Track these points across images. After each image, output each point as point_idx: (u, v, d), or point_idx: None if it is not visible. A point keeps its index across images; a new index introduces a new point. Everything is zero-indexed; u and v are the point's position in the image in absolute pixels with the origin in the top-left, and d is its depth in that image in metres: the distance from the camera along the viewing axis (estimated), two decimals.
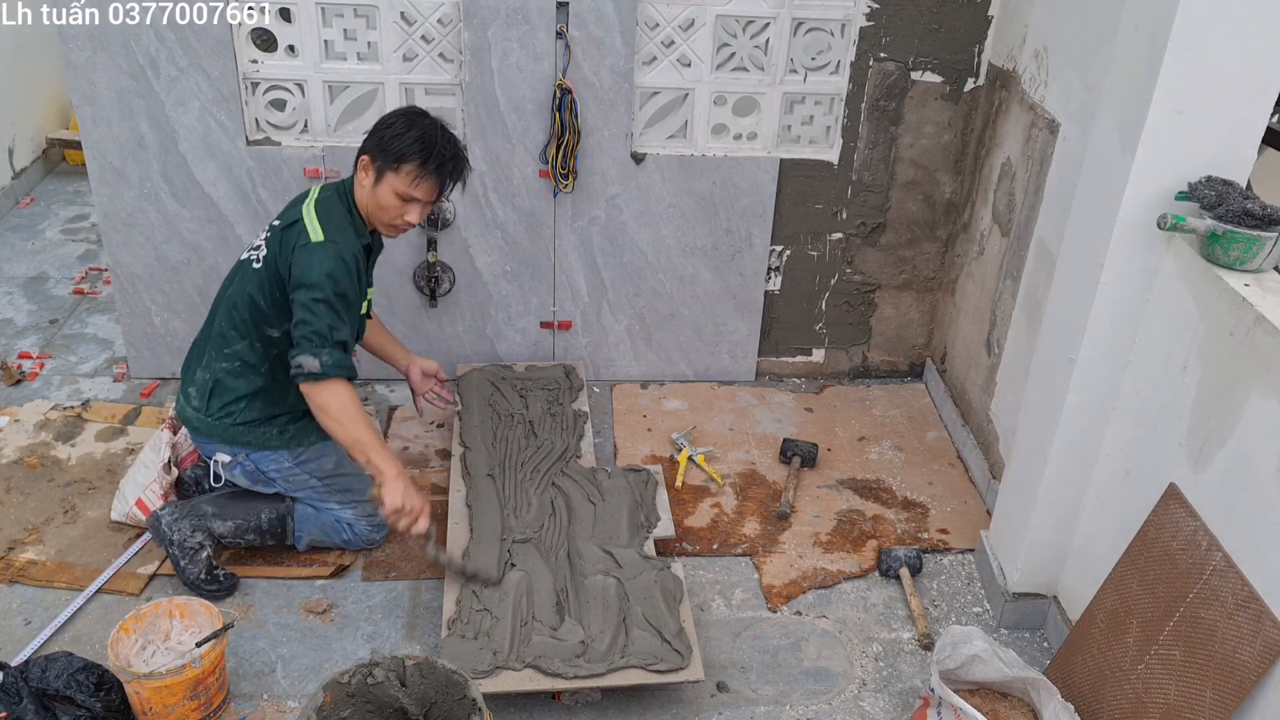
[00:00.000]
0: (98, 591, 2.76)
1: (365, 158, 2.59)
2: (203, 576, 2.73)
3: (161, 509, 2.78)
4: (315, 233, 2.54)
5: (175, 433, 3.05)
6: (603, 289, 3.64)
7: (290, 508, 2.82)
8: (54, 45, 3.43)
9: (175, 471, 2.97)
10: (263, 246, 2.66)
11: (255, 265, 2.64)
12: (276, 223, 2.69)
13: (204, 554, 2.73)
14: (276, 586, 2.82)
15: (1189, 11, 2.03)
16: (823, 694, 2.60)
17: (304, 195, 2.71)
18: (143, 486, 2.95)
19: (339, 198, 2.66)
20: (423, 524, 2.58)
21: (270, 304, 2.62)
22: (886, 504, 3.27)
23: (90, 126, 3.24)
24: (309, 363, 2.48)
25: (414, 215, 2.63)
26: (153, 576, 2.81)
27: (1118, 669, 2.28)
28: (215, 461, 2.76)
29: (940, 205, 3.64)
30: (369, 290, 2.78)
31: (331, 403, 2.51)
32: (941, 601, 2.91)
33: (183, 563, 2.72)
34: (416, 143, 2.54)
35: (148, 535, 2.91)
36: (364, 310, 2.75)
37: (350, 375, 2.54)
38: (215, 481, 2.80)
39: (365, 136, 2.62)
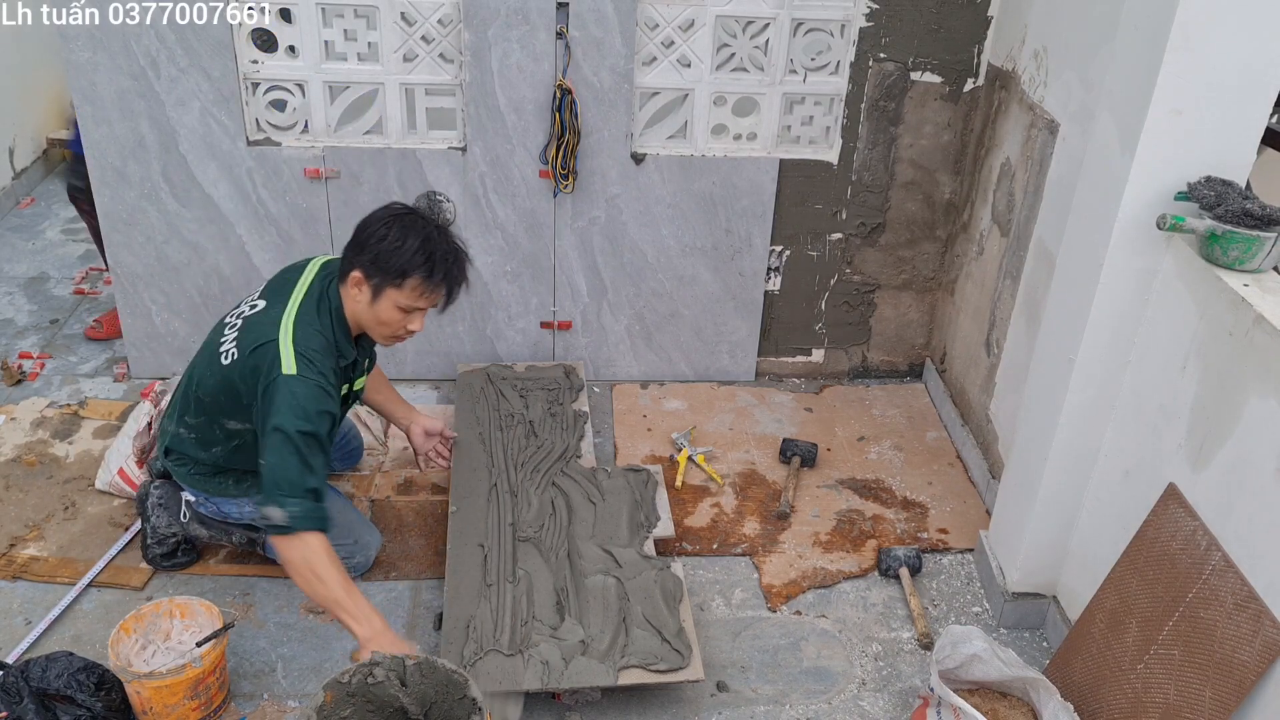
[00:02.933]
0: (100, 585, 2.77)
1: (358, 274, 2.36)
2: (163, 554, 2.80)
3: (153, 486, 2.77)
4: (288, 363, 2.30)
5: (156, 404, 3.08)
6: (603, 289, 3.64)
7: (262, 539, 2.75)
8: (54, 45, 3.42)
9: (153, 435, 3.01)
10: (234, 338, 2.43)
11: (224, 361, 2.42)
12: (261, 304, 2.46)
13: (172, 540, 2.79)
14: (277, 586, 2.82)
15: (1189, 11, 2.03)
16: (822, 694, 2.60)
17: (289, 281, 2.50)
18: (124, 456, 3.01)
19: (319, 312, 2.41)
20: None
21: (230, 403, 2.45)
22: (886, 504, 3.27)
23: (90, 126, 3.24)
24: (275, 514, 2.25)
25: (418, 324, 2.44)
26: (155, 571, 2.82)
27: (1117, 669, 2.29)
28: (184, 500, 2.73)
29: (940, 205, 3.64)
30: (361, 380, 2.67)
31: (296, 559, 2.27)
32: (941, 601, 2.91)
33: (149, 541, 2.79)
34: (418, 254, 2.32)
35: (138, 526, 2.93)
36: (358, 387, 2.67)
37: (321, 528, 2.29)
38: (182, 519, 2.74)
39: (352, 249, 2.38)
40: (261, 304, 2.48)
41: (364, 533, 2.83)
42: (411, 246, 2.31)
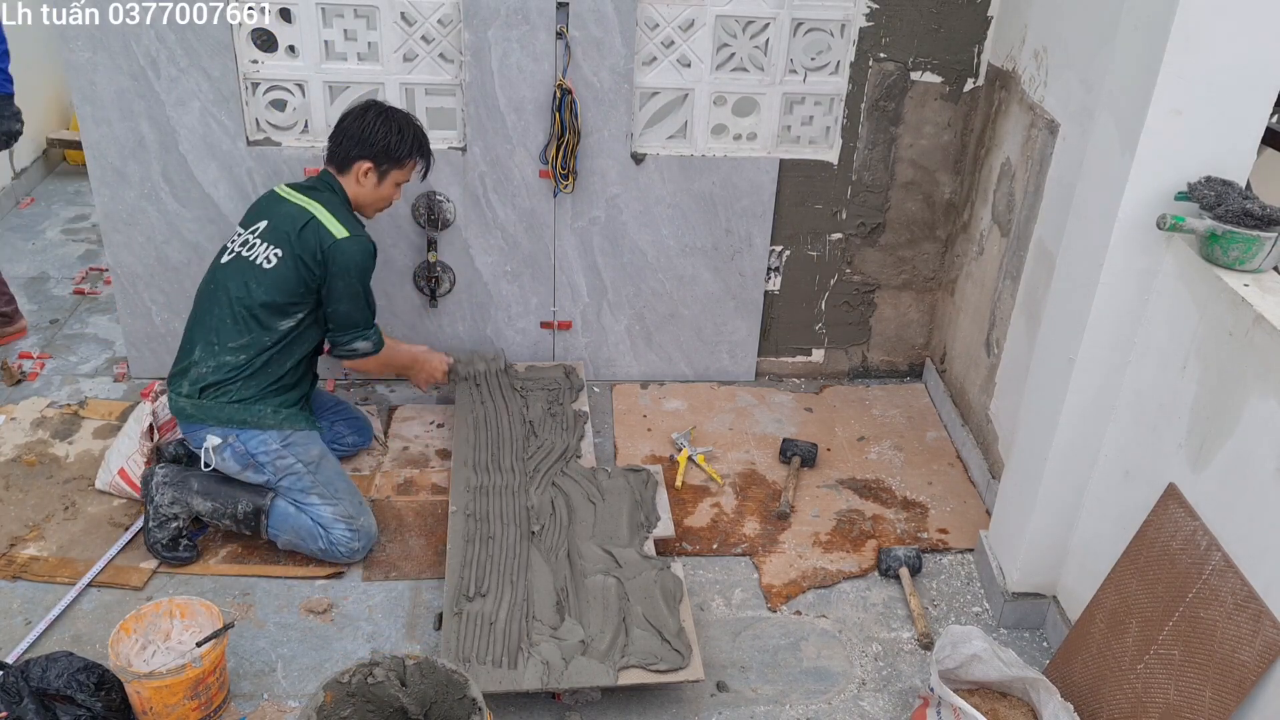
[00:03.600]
0: (100, 585, 2.77)
1: (367, 164, 2.86)
2: (164, 542, 2.81)
3: (159, 467, 2.87)
4: (338, 230, 2.78)
5: (154, 402, 3.09)
6: (603, 289, 3.64)
7: (268, 505, 2.83)
8: (54, 45, 3.42)
9: (156, 437, 3.04)
10: (260, 245, 2.80)
11: (265, 265, 2.77)
12: (262, 224, 2.83)
13: (174, 524, 2.82)
14: (277, 586, 2.82)
15: (1189, 11, 2.03)
16: (822, 694, 2.60)
17: (277, 198, 2.88)
18: (125, 456, 3.02)
19: (335, 196, 2.87)
20: (443, 371, 3.32)
21: (289, 299, 2.79)
22: (886, 504, 3.27)
23: (90, 126, 3.24)
24: (363, 346, 2.94)
25: (399, 194, 3.01)
26: (155, 571, 2.82)
27: (1117, 669, 2.29)
28: (205, 449, 2.78)
29: (940, 205, 3.64)
30: None
31: (372, 364, 3.04)
32: (941, 601, 2.91)
33: (151, 524, 2.81)
34: (414, 141, 2.90)
35: (138, 526, 2.95)
36: None
37: (381, 339, 3.01)
38: (205, 467, 2.82)
39: (350, 144, 2.85)
40: (263, 223, 2.84)
41: (366, 518, 2.91)
42: (409, 136, 2.88)
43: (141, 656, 2.42)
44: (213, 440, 2.77)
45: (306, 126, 3.33)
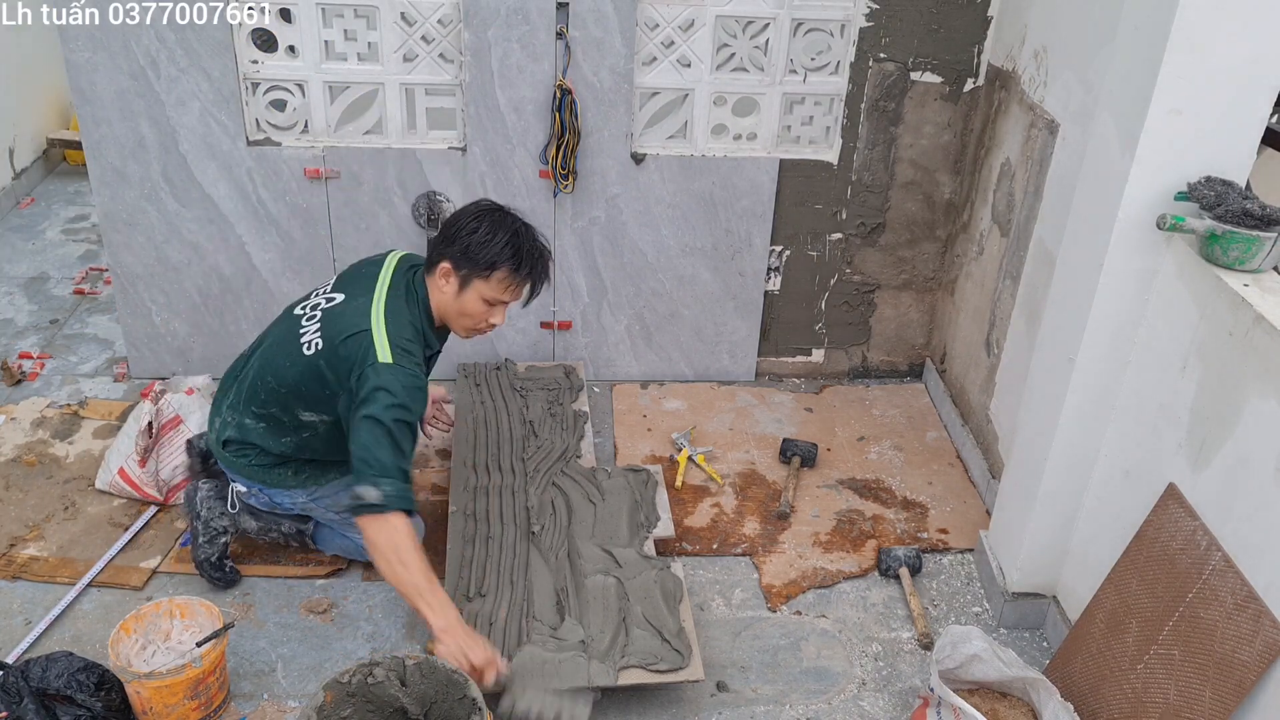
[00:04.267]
0: (100, 585, 2.77)
1: (447, 265, 2.46)
2: (213, 559, 2.75)
3: (203, 482, 2.78)
4: (383, 352, 2.36)
5: (156, 403, 3.07)
6: (603, 289, 3.64)
7: (311, 529, 2.82)
8: (54, 45, 3.42)
9: (155, 435, 3.01)
10: (317, 329, 2.48)
11: (307, 351, 2.47)
12: (335, 297, 2.52)
13: (223, 539, 2.75)
14: (277, 586, 2.82)
15: (1189, 11, 2.03)
16: (822, 694, 2.60)
17: (372, 275, 2.53)
18: (125, 456, 3.01)
19: (408, 303, 2.49)
20: (490, 678, 2.25)
21: (315, 395, 2.50)
22: (886, 504, 3.27)
23: (90, 126, 3.24)
24: (369, 494, 2.29)
25: (499, 317, 2.54)
26: (155, 571, 2.82)
27: (1117, 669, 2.29)
28: (232, 491, 2.72)
29: (940, 205, 3.64)
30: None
31: (383, 540, 2.30)
32: (941, 601, 2.91)
33: (201, 539, 2.74)
34: (507, 249, 2.44)
35: (138, 525, 2.94)
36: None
37: (410, 509, 2.35)
38: (231, 508, 2.74)
39: (441, 242, 2.49)
40: (339, 296, 2.52)
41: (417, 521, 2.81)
42: (500, 240, 2.43)
43: (141, 656, 2.42)
44: (239, 488, 2.69)
45: (306, 127, 3.33)
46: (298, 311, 2.59)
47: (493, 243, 2.42)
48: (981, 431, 3.39)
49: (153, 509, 3.02)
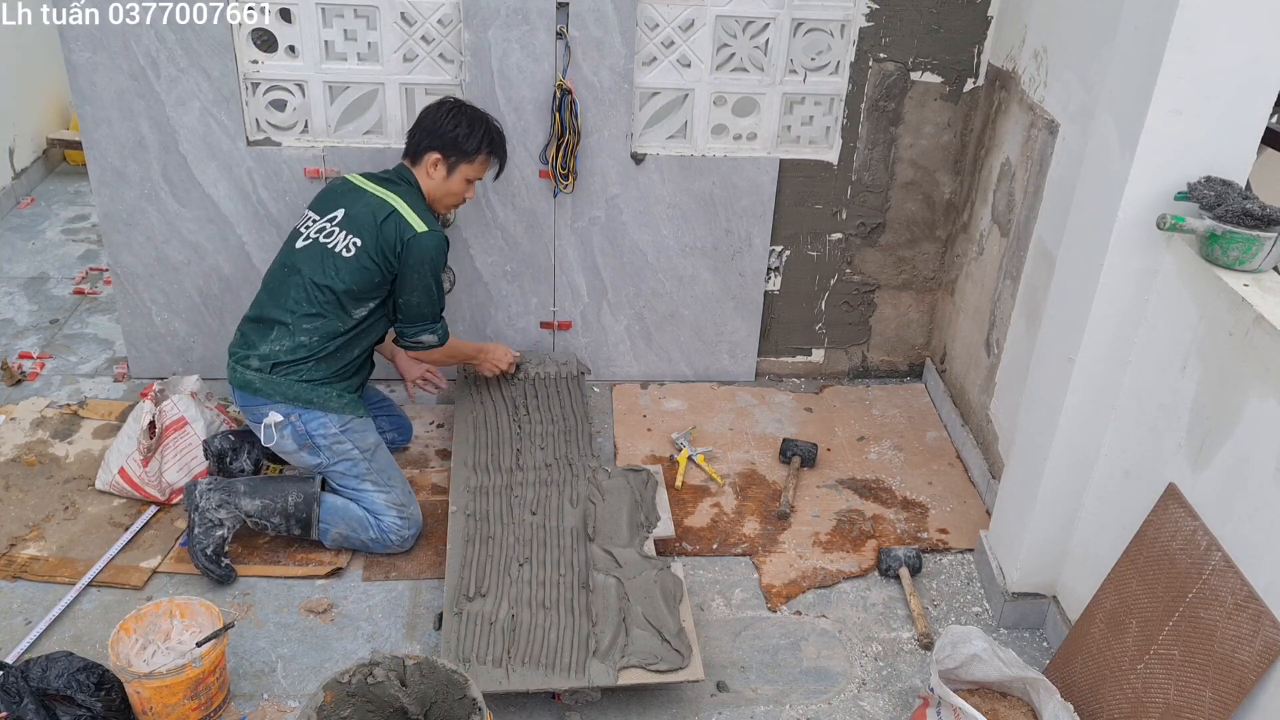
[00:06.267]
0: (100, 585, 2.77)
1: (436, 155, 2.90)
2: (209, 552, 2.77)
3: (201, 480, 2.86)
4: (418, 224, 2.83)
5: (157, 404, 3.08)
6: (603, 289, 3.64)
7: (318, 495, 2.86)
8: (54, 45, 3.42)
9: (158, 435, 3.03)
10: (340, 233, 2.84)
11: (345, 254, 2.81)
12: (340, 212, 2.86)
13: (220, 532, 2.79)
14: (277, 586, 2.82)
15: (1189, 11, 2.03)
16: (822, 694, 2.60)
17: (353, 187, 2.91)
18: (125, 456, 3.01)
19: (412, 190, 2.92)
20: (510, 362, 3.37)
21: (367, 287, 2.84)
22: (886, 504, 3.27)
23: (90, 126, 3.24)
24: (429, 339, 2.99)
25: (473, 192, 3.05)
26: (155, 571, 2.82)
27: (1117, 669, 2.29)
28: (265, 426, 2.83)
29: (940, 205, 3.64)
30: None
31: (438, 355, 3.10)
32: (941, 601, 2.91)
33: (197, 530, 2.78)
34: (486, 137, 2.93)
35: (138, 525, 2.94)
36: None
37: (449, 332, 3.07)
38: (267, 441, 2.86)
39: (425, 136, 2.90)
40: (340, 211, 2.87)
41: (415, 507, 2.97)
42: (479, 131, 2.92)
43: (141, 656, 2.42)
44: (274, 417, 2.83)
45: (306, 126, 3.33)
46: (311, 236, 2.88)
47: (474, 134, 2.91)
48: (981, 431, 3.39)
49: (153, 509, 3.02)
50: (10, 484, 3.11)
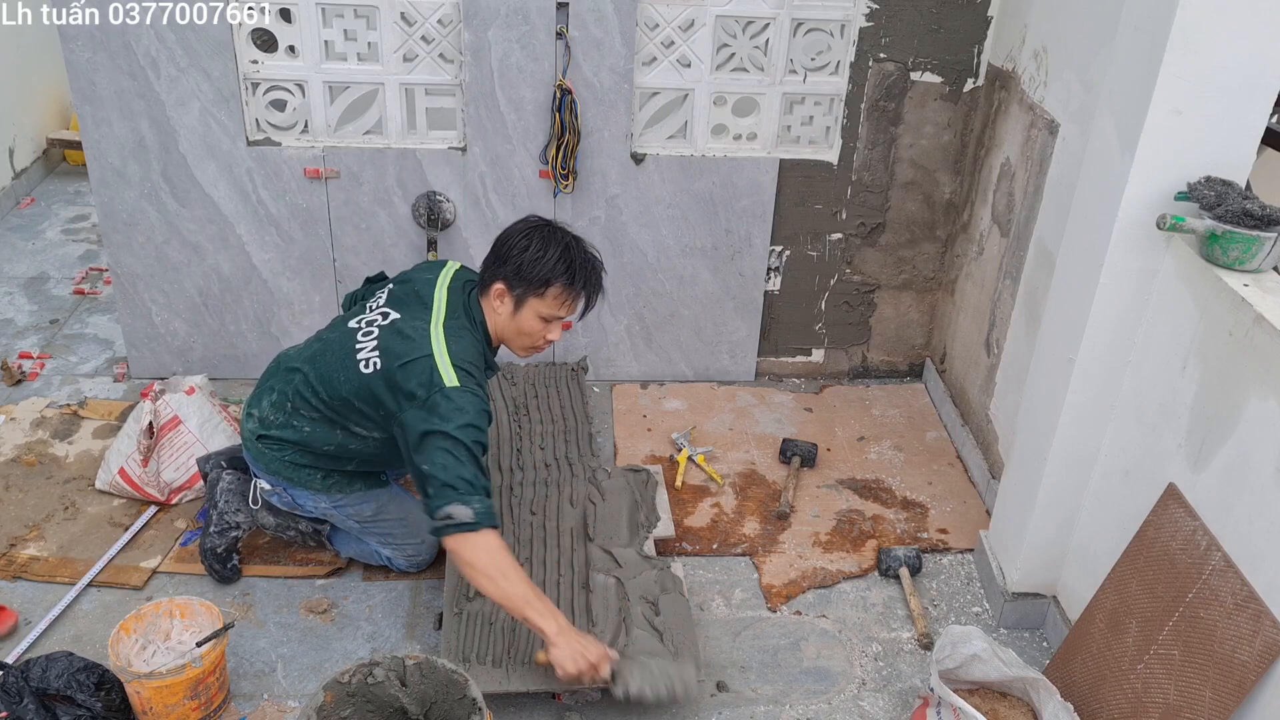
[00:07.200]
0: (100, 585, 2.77)
1: (501, 286, 2.44)
2: (219, 551, 2.76)
3: (226, 472, 2.79)
4: (449, 376, 2.32)
5: (155, 403, 3.07)
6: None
7: (328, 531, 2.84)
8: (54, 45, 3.42)
9: (155, 435, 3.01)
10: (374, 348, 2.44)
11: (364, 370, 2.42)
12: (391, 314, 2.47)
13: (234, 534, 2.78)
14: (277, 586, 2.82)
15: (1189, 11, 2.03)
16: (822, 694, 2.60)
17: (424, 295, 2.51)
18: (125, 456, 3.01)
19: (468, 324, 2.47)
20: (605, 671, 2.29)
21: (366, 410, 2.47)
22: (886, 504, 3.27)
23: (90, 126, 3.24)
24: (461, 512, 2.24)
25: (556, 333, 2.50)
26: (155, 571, 2.82)
27: (1117, 669, 2.29)
28: (256, 485, 2.72)
29: (940, 205, 3.64)
30: None
31: (483, 558, 2.25)
32: (941, 601, 2.91)
33: (212, 530, 2.76)
34: (560, 264, 2.40)
35: (138, 525, 2.94)
36: None
37: (498, 524, 2.31)
38: (253, 504, 2.75)
39: (492, 263, 2.46)
40: (395, 314, 2.48)
41: (426, 553, 2.84)
42: (553, 256, 2.39)
43: (141, 656, 2.42)
44: (263, 484, 2.68)
45: (306, 126, 3.33)
46: (352, 325, 2.54)
47: (544, 259, 2.38)
48: (981, 431, 3.39)
49: (153, 509, 3.02)
50: (10, 484, 3.11)
